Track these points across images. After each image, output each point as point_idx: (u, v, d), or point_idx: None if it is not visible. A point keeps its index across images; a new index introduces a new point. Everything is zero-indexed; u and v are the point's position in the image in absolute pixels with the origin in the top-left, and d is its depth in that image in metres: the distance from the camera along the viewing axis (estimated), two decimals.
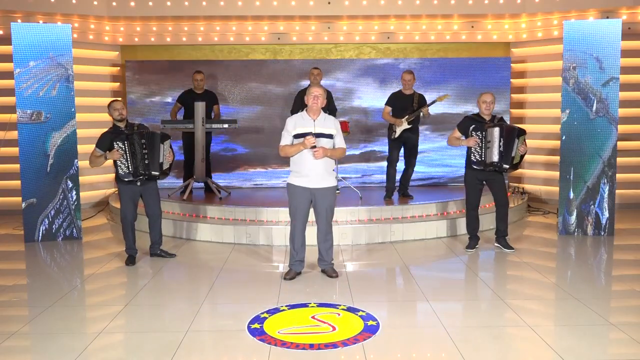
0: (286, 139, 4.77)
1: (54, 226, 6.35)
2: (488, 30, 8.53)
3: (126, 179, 5.23)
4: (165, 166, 5.40)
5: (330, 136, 4.76)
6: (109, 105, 5.34)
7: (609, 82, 6.20)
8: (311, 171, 4.69)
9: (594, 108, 6.24)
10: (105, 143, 5.22)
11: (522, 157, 5.59)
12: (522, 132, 5.57)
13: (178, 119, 7.57)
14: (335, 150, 4.79)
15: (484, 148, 5.49)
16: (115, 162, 5.22)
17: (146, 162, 5.25)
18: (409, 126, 6.77)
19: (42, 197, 6.33)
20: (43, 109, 6.30)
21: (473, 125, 5.57)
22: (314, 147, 4.61)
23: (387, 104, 6.99)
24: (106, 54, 8.55)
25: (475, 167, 5.58)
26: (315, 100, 4.71)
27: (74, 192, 6.43)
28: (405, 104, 6.79)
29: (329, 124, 4.79)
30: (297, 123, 4.76)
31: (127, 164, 5.20)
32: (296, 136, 4.72)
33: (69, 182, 6.42)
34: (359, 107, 8.32)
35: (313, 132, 4.67)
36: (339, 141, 4.82)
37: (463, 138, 5.67)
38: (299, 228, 4.84)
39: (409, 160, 7.06)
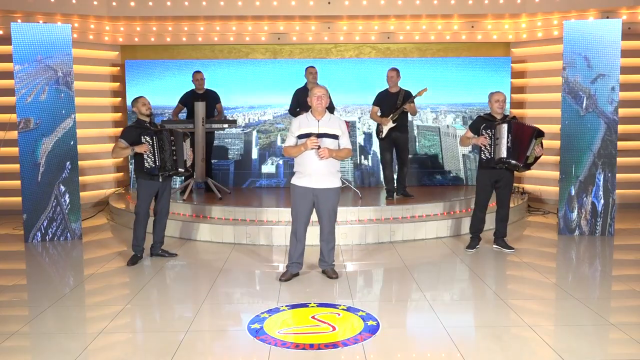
0: (290, 140, 4.76)
1: (47, 237, 6.27)
2: (488, 30, 8.54)
3: (153, 173, 5.27)
4: (188, 164, 5.56)
5: (335, 136, 4.71)
6: (137, 100, 5.37)
7: (597, 79, 6.22)
8: (314, 171, 4.66)
9: (584, 105, 6.26)
10: (131, 136, 5.26)
11: (536, 158, 5.56)
12: (541, 134, 5.52)
13: (178, 119, 7.57)
14: (341, 151, 4.74)
15: (493, 145, 5.50)
16: (139, 155, 5.25)
17: (174, 158, 5.35)
18: (394, 124, 6.76)
19: (35, 209, 6.21)
20: (32, 115, 6.15)
21: (484, 124, 5.58)
22: (318, 147, 4.59)
23: (374, 103, 7.00)
24: (106, 54, 8.55)
25: (485, 165, 5.58)
26: (319, 100, 4.68)
27: (67, 196, 6.30)
28: (391, 102, 6.79)
29: (334, 124, 4.74)
30: (301, 124, 4.74)
31: (155, 158, 5.25)
32: (300, 137, 4.69)
33: (61, 186, 6.28)
34: (358, 107, 8.31)
35: (317, 132, 4.65)
36: (345, 142, 4.77)
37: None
38: (300, 229, 4.82)
39: (402, 159, 7.06)
